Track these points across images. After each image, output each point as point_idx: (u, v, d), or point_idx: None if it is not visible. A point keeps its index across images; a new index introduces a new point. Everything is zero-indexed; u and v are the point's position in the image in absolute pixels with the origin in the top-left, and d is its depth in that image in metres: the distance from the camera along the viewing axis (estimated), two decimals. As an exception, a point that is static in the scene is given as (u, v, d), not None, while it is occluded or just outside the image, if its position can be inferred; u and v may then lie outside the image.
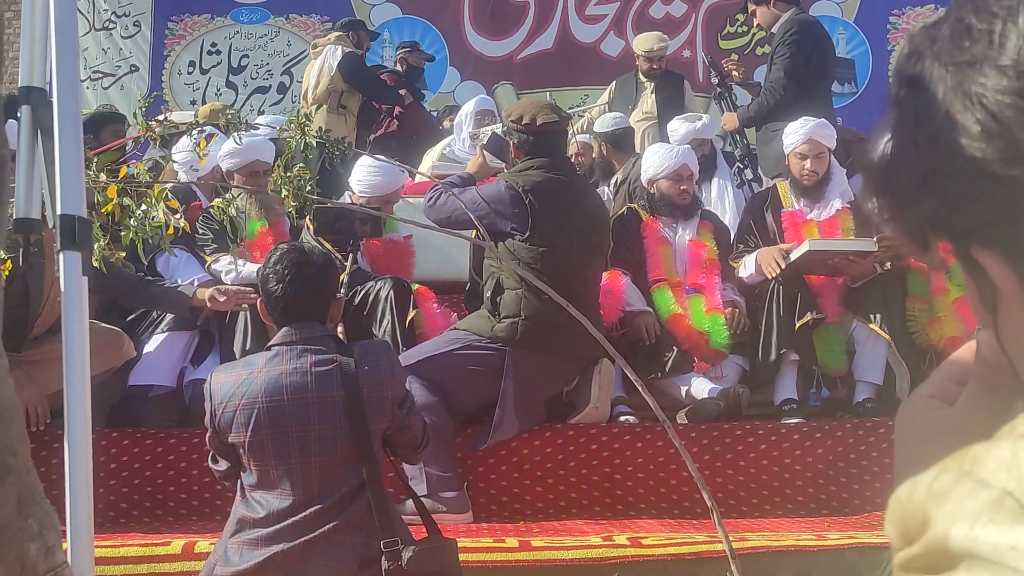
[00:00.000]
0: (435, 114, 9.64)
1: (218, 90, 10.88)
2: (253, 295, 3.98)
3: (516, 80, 11.01)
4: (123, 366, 4.33)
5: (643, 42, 7.26)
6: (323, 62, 7.20)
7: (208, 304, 4.26)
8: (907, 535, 0.52)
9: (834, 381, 4.74)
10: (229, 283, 4.47)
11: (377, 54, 10.22)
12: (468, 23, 11.06)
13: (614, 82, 7.64)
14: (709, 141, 6.09)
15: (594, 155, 6.60)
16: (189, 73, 10.91)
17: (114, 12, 10.84)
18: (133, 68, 10.74)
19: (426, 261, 5.14)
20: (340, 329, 3.79)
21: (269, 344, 2.77)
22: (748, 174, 5.81)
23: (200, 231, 4.63)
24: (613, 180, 6.38)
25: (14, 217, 1.51)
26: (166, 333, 4.45)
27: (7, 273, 3.70)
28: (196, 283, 4.52)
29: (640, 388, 2.94)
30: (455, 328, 4.27)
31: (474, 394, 4.16)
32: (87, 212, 3.06)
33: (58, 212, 1.47)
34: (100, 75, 10.69)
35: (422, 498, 3.80)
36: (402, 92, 8.18)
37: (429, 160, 6.54)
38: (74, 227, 1.48)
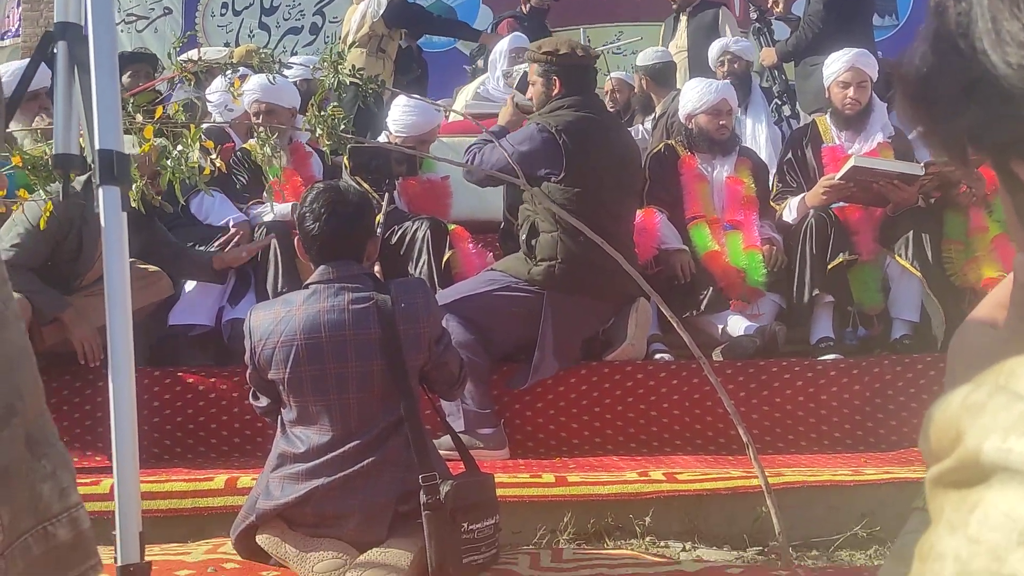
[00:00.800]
0: (468, 54, 9.56)
1: (251, 31, 10.87)
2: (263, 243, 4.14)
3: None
4: (163, 306, 4.39)
5: None
6: (367, 6, 7.16)
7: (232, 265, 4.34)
8: (940, 450, 0.52)
9: (870, 319, 4.70)
10: (266, 221, 4.52)
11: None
12: (500, -42, 10.93)
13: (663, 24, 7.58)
14: (746, 64, 6.00)
15: (635, 90, 6.52)
16: (222, 15, 10.89)
17: (147, -47, 10.81)
18: (166, 10, 10.73)
19: (461, 201, 5.14)
20: (377, 268, 3.81)
21: (307, 282, 2.80)
22: (786, 110, 5.73)
23: (235, 171, 4.65)
24: (652, 115, 6.32)
25: (53, 152, 1.52)
26: (204, 274, 4.49)
27: (60, 222, 3.77)
28: (231, 223, 4.56)
29: (675, 324, 2.95)
30: (492, 269, 4.27)
31: (511, 334, 4.18)
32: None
33: (96, 147, 1.47)
34: (134, 18, 10.69)
35: (459, 434, 3.88)
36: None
37: (463, 99, 6.51)
38: (112, 161, 1.48)
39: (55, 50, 1.50)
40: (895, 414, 4.23)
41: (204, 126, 4.73)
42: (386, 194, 4.42)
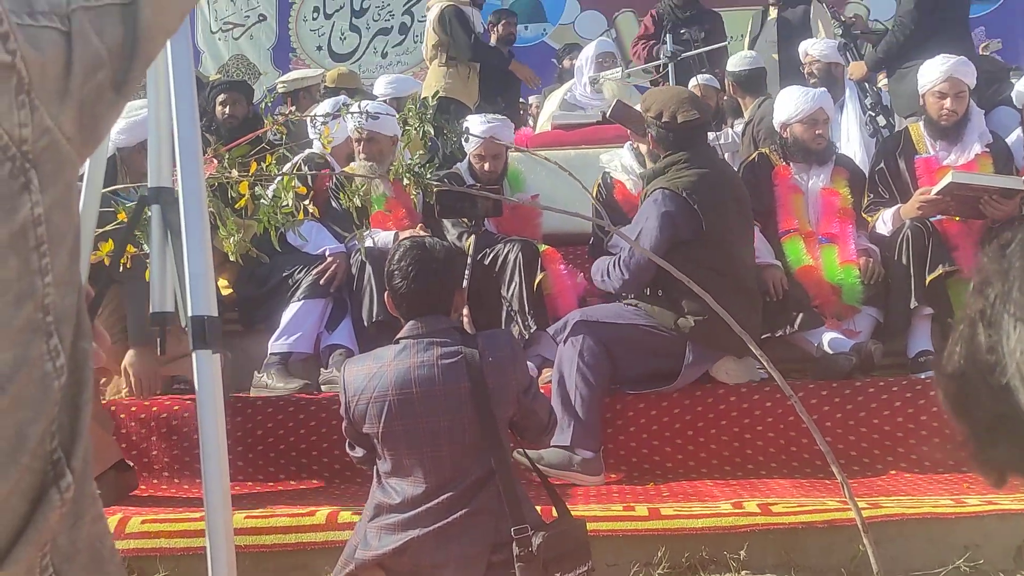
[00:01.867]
0: (556, 51, 9.56)
1: (342, 34, 11.05)
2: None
3: (637, 7, 10.80)
4: (261, 334, 4.55)
5: None
6: (431, 16, 7.22)
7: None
8: None
9: (973, 335, 4.57)
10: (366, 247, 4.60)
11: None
12: (588, -52, 10.86)
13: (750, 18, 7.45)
14: (827, 66, 5.88)
15: (724, 94, 6.44)
16: (314, 19, 11.08)
17: (241, -37, 11.04)
18: (261, 17, 10.97)
19: (550, 215, 5.16)
20: (465, 312, 3.87)
21: (397, 337, 2.86)
22: (881, 121, 5.58)
23: (332, 203, 4.74)
24: (741, 119, 6.24)
25: (151, 311, 1.60)
26: (302, 301, 4.61)
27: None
28: (328, 252, 4.66)
29: (776, 376, 2.91)
30: (637, 304, 4.29)
31: (640, 369, 4.25)
32: (221, 207, 3.18)
33: (189, 313, 1.54)
34: (231, 26, 10.96)
35: (562, 448, 3.94)
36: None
37: (549, 107, 6.52)
38: (204, 327, 1.55)
39: (149, 213, 1.57)
40: (999, 434, 4.12)
41: (307, 152, 4.86)
42: (472, 235, 4.47)
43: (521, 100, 9.13)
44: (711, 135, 5.07)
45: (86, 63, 0.86)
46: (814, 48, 5.93)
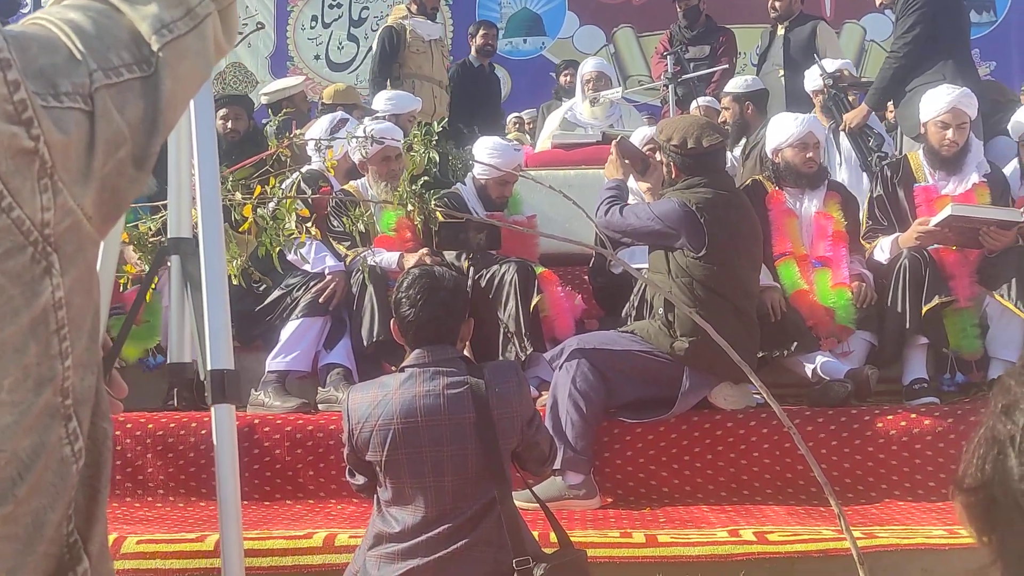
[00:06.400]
0: (554, 65, 9.57)
1: (340, 44, 11.06)
2: None
3: (635, 23, 10.84)
4: (259, 351, 4.54)
5: None
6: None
7: None
8: None
9: (969, 365, 4.61)
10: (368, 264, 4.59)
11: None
12: (587, -35, 10.89)
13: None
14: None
15: (729, 116, 6.45)
16: (312, 28, 11.09)
17: (238, -29, 11.04)
18: (259, 25, 10.95)
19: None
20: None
21: (402, 365, 2.87)
22: (887, 151, 5.61)
23: (333, 222, 4.73)
24: (741, 143, 6.26)
25: (168, 361, 1.62)
26: (300, 319, 4.61)
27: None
28: (327, 271, 4.66)
29: (774, 406, 2.92)
30: (631, 331, 4.31)
31: (636, 395, 4.26)
32: (223, 229, 3.19)
33: (208, 367, 1.55)
34: (227, 34, 10.95)
35: (553, 471, 3.96)
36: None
37: (550, 126, 6.53)
38: (223, 381, 1.57)
39: (169, 263, 1.58)
40: (992, 463, 4.15)
41: (306, 168, 4.85)
42: (471, 267, 4.47)
43: (516, 115, 9.14)
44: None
45: (108, 141, 0.86)
46: (815, 84, 5.96)
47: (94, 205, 0.86)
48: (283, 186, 3.16)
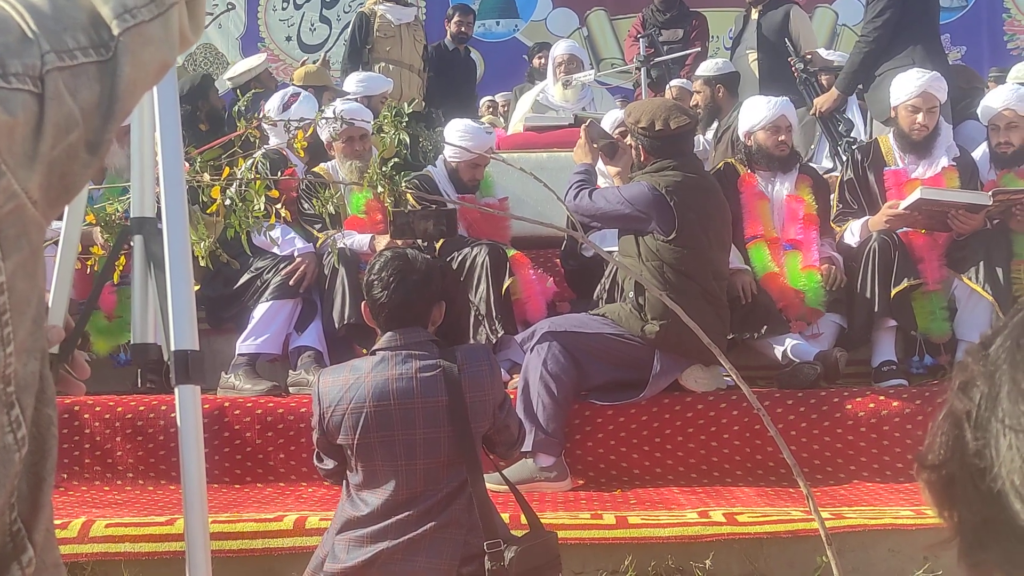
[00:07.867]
0: (527, 47, 9.54)
1: (312, 25, 10.96)
2: None
3: (608, 6, 10.82)
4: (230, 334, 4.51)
5: None
6: None
7: None
8: None
9: (937, 347, 4.65)
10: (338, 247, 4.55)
11: None
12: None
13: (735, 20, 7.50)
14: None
15: (701, 100, 6.45)
16: (283, 9, 10.98)
17: (210, -50, 10.90)
18: (230, 6, 10.85)
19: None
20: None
21: (374, 348, 2.85)
22: (856, 135, 5.64)
23: (304, 206, 4.70)
24: (713, 127, 6.26)
25: (131, 342, 1.60)
26: (270, 302, 4.58)
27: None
28: (297, 253, 4.63)
29: (744, 389, 2.94)
30: (603, 315, 4.32)
31: (610, 375, 4.28)
32: (190, 207, 3.16)
33: (172, 348, 1.54)
34: (197, 14, 10.83)
35: (522, 454, 3.97)
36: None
37: (522, 108, 6.51)
38: (187, 361, 1.56)
39: (131, 243, 1.56)
40: (959, 445, 4.20)
41: (264, 149, 4.81)
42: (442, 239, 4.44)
43: (490, 98, 9.11)
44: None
45: (58, 125, 0.83)
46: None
47: (40, 189, 0.83)
48: (243, 168, 3.12)
